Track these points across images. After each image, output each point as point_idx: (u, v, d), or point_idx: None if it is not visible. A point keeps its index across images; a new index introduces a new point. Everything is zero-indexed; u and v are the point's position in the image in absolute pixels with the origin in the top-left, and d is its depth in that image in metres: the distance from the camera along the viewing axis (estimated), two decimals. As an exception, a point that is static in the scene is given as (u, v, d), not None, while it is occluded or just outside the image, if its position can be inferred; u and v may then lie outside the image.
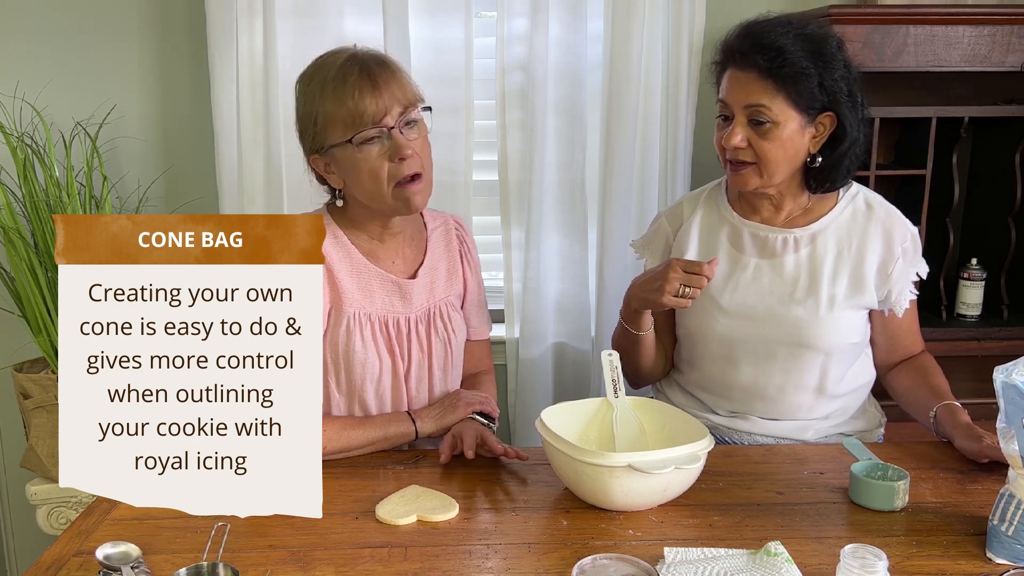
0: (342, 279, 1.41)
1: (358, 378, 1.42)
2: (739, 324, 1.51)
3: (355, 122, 1.32)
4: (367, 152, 1.33)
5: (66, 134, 2.16)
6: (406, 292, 1.46)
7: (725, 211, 1.58)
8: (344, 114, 1.32)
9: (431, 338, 1.48)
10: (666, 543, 1.10)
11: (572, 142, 2.22)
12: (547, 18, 2.12)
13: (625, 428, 1.35)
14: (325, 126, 1.34)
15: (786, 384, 1.52)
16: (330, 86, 1.33)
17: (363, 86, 1.32)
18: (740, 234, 1.55)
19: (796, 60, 1.40)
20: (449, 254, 1.55)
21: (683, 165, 2.21)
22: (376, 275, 1.44)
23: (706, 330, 1.53)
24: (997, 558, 1.07)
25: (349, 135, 1.33)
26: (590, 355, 2.32)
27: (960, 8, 1.96)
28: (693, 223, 1.59)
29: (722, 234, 1.56)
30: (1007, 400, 1.05)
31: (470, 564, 1.07)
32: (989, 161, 2.26)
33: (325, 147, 1.36)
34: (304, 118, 1.38)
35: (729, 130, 1.45)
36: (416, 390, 1.48)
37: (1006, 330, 2.13)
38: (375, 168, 1.34)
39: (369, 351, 1.41)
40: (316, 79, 1.35)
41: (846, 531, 1.15)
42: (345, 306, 1.40)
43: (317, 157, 1.39)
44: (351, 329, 1.40)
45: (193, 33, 2.20)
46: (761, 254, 1.53)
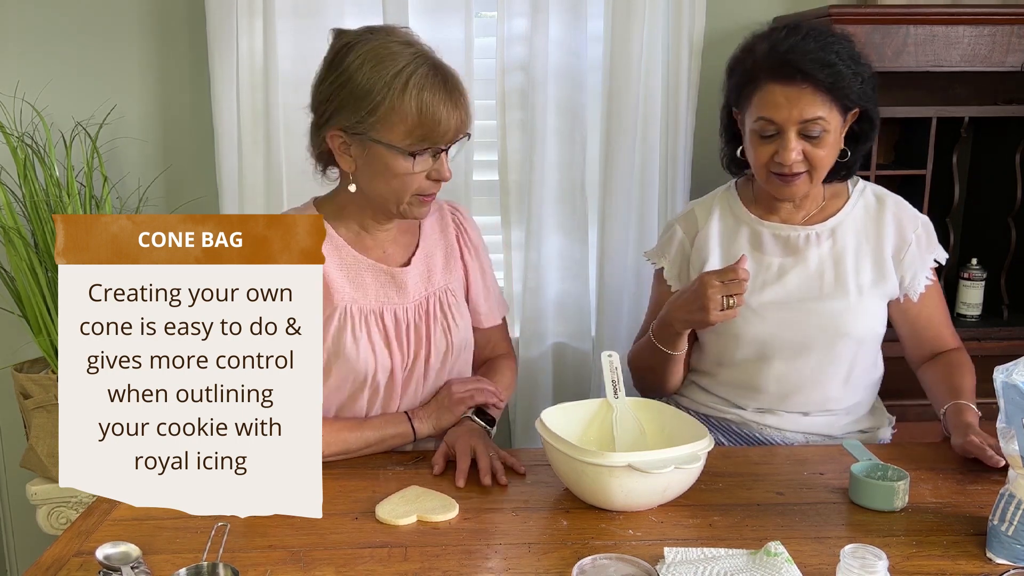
0: (330, 272, 1.36)
1: (352, 374, 1.37)
2: (772, 322, 1.51)
3: (425, 136, 1.27)
4: (416, 165, 1.29)
5: (66, 134, 2.16)
6: (400, 281, 1.42)
7: (742, 214, 1.59)
8: (418, 121, 1.26)
9: (430, 328, 1.43)
10: (666, 543, 1.10)
11: (572, 142, 2.22)
12: (547, 18, 2.12)
13: (625, 428, 1.35)
14: (387, 119, 1.27)
15: (818, 376, 1.53)
16: (413, 85, 1.26)
17: (446, 101, 1.27)
18: (760, 235, 1.56)
19: (842, 67, 1.40)
20: (446, 240, 1.51)
21: (683, 165, 2.21)
22: (368, 266, 1.40)
23: (739, 332, 1.52)
24: (997, 558, 1.07)
25: (410, 143, 1.28)
26: (590, 355, 2.32)
27: (960, 8, 1.96)
28: (711, 229, 1.59)
29: (741, 237, 1.57)
30: (1007, 400, 1.05)
31: (470, 564, 1.07)
32: (989, 161, 2.26)
33: (368, 135, 1.29)
34: (357, 94, 1.28)
35: (782, 147, 1.42)
36: (415, 383, 1.43)
37: (1006, 330, 2.13)
38: (411, 179, 1.31)
39: (362, 345, 1.37)
40: (390, 65, 1.27)
41: (846, 531, 1.15)
42: (336, 300, 1.36)
43: (341, 134, 1.31)
44: (343, 323, 1.36)
45: (193, 33, 2.20)
46: (784, 253, 1.54)
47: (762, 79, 1.42)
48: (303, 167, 1.49)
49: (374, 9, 2.13)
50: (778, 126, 1.42)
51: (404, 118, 1.27)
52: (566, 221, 2.27)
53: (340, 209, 1.42)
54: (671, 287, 1.62)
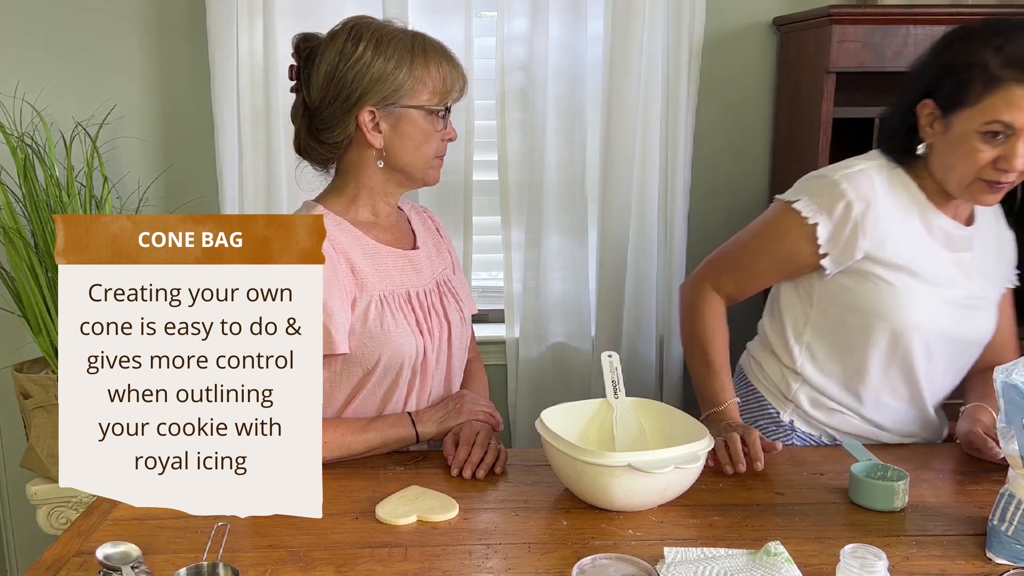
0: (358, 263, 1.38)
1: (398, 358, 1.38)
2: (950, 317, 1.46)
3: (444, 93, 1.39)
4: (436, 123, 1.40)
5: (66, 134, 2.16)
6: (416, 263, 1.47)
7: (917, 197, 1.47)
8: (438, 81, 1.38)
9: (446, 307, 1.48)
10: (666, 543, 1.10)
11: (572, 142, 2.22)
12: (547, 18, 2.12)
13: (625, 428, 1.35)
14: (417, 85, 1.37)
15: (951, 381, 1.53)
16: (418, 50, 1.37)
17: (451, 63, 1.41)
18: (931, 224, 1.46)
19: None
20: (429, 233, 1.58)
21: (683, 165, 2.21)
22: (387, 252, 1.43)
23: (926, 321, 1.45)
24: (997, 558, 1.07)
25: (435, 101, 1.39)
26: (590, 355, 2.32)
27: (960, 8, 1.96)
28: (888, 207, 1.44)
29: (913, 219, 1.46)
30: (1007, 400, 1.05)
31: (470, 564, 1.07)
32: (989, 161, 2.25)
33: (399, 104, 1.37)
34: (387, 69, 1.35)
35: (1011, 153, 1.33)
36: (442, 366, 1.47)
37: (1006, 330, 2.13)
38: (432, 139, 1.41)
39: (402, 327, 1.38)
40: (400, 41, 1.37)
41: (846, 531, 1.15)
42: (369, 289, 1.38)
43: (372, 110, 1.36)
44: (381, 309, 1.38)
45: (193, 33, 2.20)
46: (947, 247, 1.47)
47: (1007, 80, 1.31)
48: (303, 167, 1.49)
49: (374, 9, 2.13)
50: (1015, 130, 1.32)
51: (429, 81, 1.38)
52: (566, 221, 2.27)
53: (351, 200, 1.44)
54: (820, 249, 1.45)
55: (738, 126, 2.34)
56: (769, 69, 2.30)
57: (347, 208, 1.44)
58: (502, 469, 1.33)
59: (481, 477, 1.31)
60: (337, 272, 1.33)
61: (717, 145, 2.34)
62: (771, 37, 2.28)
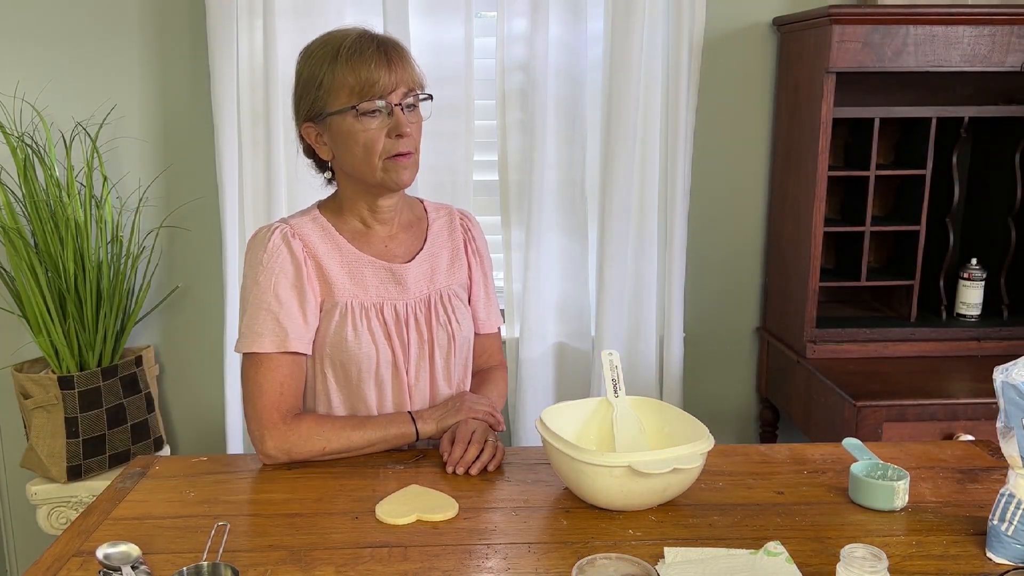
0: (332, 270, 1.41)
1: (356, 369, 1.41)
2: None
3: (363, 91, 1.34)
4: (367, 123, 1.35)
5: (66, 134, 2.16)
6: (400, 277, 1.45)
7: None
8: (354, 81, 1.34)
9: (432, 325, 1.46)
10: (666, 543, 1.10)
11: (572, 142, 2.22)
12: (547, 18, 2.12)
13: (625, 428, 1.35)
14: (331, 91, 1.35)
15: None
16: (344, 54, 1.35)
17: (378, 60, 1.35)
18: None
19: None
20: (452, 244, 1.55)
21: (683, 165, 2.22)
22: (367, 263, 1.44)
23: None
24: (997, 558, 1.07)
25: (354, 102, 1.34)
26: (590, 355, 2.32)
27: (960, 8, 1.96)
28: None
29: None
30: (1007, 400, 1.05)
31: (470, 564, 1.07)
32: (989, 161, 2.26)
33: (324, 113, 1.37)
34: (307, 83, 1.38)
35: None
36: (416, 379, 1.46)
37: (1006, 330, 2.13)
38: (372, 140, 1.36)
39: (363, 339, 1.40)
40: (328, 46, 1.37)
41: (846, 531, 1.14)
42: (337, 296, 1.40)
43: (311, 125, 1.40)
44: (344, 317, 1.40)
45: (193, 33, 2.20)
46: None
47: None
48: (303, 167, 1.49)
49: (374, 9, 2.13)
50: None
51: (343, 84, 1.34)
52: (566, 221, 2.27)
53: (340, 208, 1.46)
54: None
55: (738, 126, 2.34)
56: (769, 69, 2.30)
57: (337, 216, 1.46)
58: (496, 467, 1.33)
59: (475, 474, 1.31)
60: (301, 271, 1.38)
61: (717, 145, 2.34)
62: (771, 37, 2.28)
